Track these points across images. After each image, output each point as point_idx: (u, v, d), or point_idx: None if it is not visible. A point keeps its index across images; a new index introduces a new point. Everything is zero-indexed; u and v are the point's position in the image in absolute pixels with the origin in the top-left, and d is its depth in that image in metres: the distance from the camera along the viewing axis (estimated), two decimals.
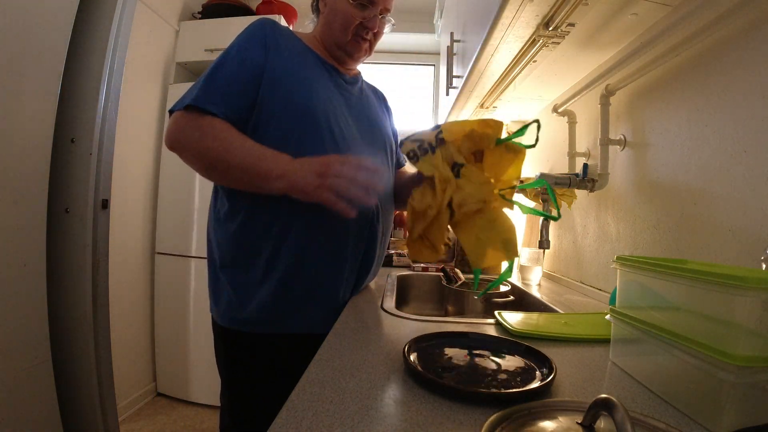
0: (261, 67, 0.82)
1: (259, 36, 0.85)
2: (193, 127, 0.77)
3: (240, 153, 0.75)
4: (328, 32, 0.94)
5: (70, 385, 1.36)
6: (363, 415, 0.42)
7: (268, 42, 0.85)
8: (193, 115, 0.77)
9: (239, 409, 0.85)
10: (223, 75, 0.80)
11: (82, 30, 1.35)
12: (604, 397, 0.35)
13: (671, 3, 0.79)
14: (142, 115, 1.98)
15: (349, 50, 0.94)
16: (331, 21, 0.93)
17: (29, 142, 1.14)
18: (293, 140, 0.80)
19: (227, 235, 0.85)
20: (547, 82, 1.23)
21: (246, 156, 0.75)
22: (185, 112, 0.78)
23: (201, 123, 0.77)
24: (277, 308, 0.82)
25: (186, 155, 0.79)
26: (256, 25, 0.87)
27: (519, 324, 0.75)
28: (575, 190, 1.16)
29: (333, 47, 0.95)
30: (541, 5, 0.79)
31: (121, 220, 1.87)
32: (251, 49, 0.83)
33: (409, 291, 1.42)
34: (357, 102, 0.96)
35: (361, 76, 1.05)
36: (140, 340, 2.03)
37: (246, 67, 0.81)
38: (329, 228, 0.83)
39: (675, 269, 0.46)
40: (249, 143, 0.77)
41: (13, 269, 1.10)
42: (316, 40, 0.96)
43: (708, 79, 0.75)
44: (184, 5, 2.21)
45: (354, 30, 0.91)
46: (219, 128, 0.77)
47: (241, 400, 0.86)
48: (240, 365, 0.86)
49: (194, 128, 0.77)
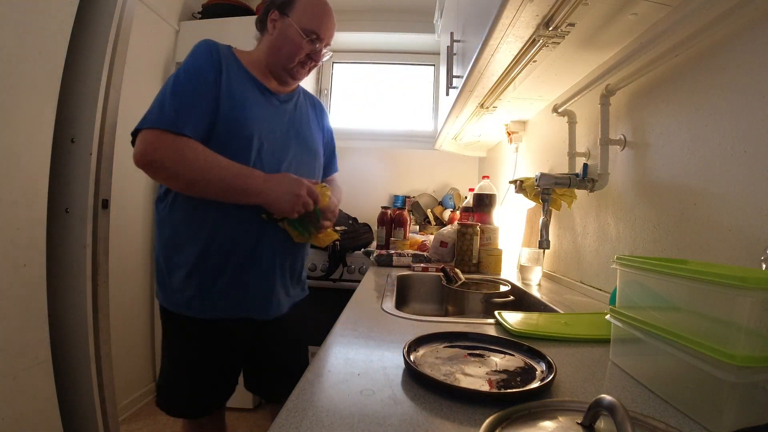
0: (215, 88, 0.93)
1: (211, 60, 0.95)
2: (171, 149, 0.85)
3: (218, 172, 0.87)
4: (274, 55, 1.04)
5: (70, 385, 1.36)
6: (363, 415, 0.42)
7: (217, 65, 0.95)
8: (167, 136, 0.85)
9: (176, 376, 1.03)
10: (189, 95, 0.89)
11: (82, 30, 1.35)
12: (604, 397, 0.35)
13: (671, 3, 0.79)
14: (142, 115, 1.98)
15: (294, 74, 1.07)
16: (280, 46, 1.03)
17: (29, 142, 1.14)
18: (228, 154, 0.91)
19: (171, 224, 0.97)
20: (547, 82, 1.23)
21: (225, 174, 0.87)
22: (157, 132, 0.86)
23: (178, 144, 0.85)
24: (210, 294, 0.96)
25: (161, 174, 0.88)
26: (206, 47, 0.97)
27: (519, 324, 0.75)
28: (575, 190, 1.16)
29: (278, 69, 1.05)
30: (541, 5, 0.79)
31: (121, 220, 1.87)
32: (207, 71, 0.93)
33: (409, 291, 1.42)
34: (290, 118, 1.08)
35: (298, 89, 1.17)
36: (140, 340, 2.03)
37: (206, 89, 0.92)
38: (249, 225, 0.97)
39: (675, 269, 0.46)
40: (224, 162, 0.88)
41: (13, 269, 1.10)
42: (258, 61, 1.06)
43: (708, 79, 0.75)
44: (184, 5, 2.21)
45: (301, 59, 1.04)
46: (196, 149, 0.86)
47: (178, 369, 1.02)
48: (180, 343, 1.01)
49: (172, 150, 0.85)
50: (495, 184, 1.92)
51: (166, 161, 0.85)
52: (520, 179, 1.29)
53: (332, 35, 1.08)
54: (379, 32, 2.65)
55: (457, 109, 1.54)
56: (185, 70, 0.93)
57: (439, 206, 2.57)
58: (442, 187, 2.69)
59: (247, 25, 2.08)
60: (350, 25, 2.64)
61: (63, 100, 1.24)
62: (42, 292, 1.19)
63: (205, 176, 0.86)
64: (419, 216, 2.52)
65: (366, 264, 1.95)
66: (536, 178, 1.10)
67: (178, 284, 0.96)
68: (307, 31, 1.02)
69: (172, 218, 0.96)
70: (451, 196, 2.55)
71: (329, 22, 1.06)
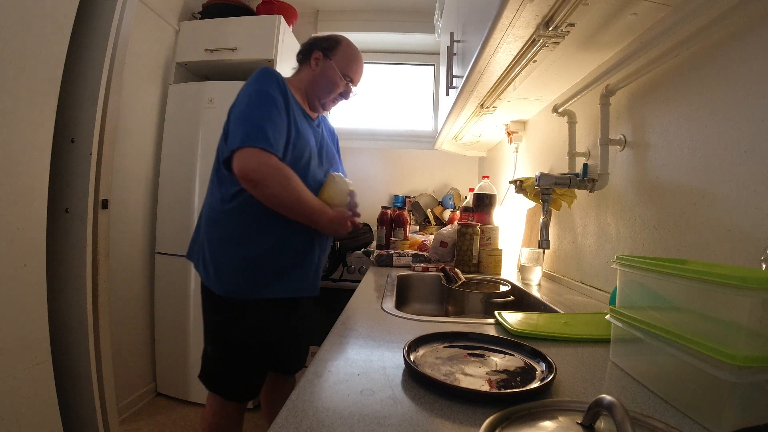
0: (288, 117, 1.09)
1: (279, 88, 1.10)
2: (276, 173, 1.00)
3: (305, 203, 1.06)
4: (313, 88, 1.23)
5: (70, 385, 1.36)
6: (363, 414, 0.42)
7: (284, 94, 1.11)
8: (272, 159, 1.00)
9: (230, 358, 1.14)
10: (277, 120, 1.05)
11: (82, 30, 1.35)
12: (604, 397, 0.35)
13: (671, 3, 0.79)
14: (142, 115, 1.98)
15: (325, 107, 1.27)
16: (320, 82, 1.22)
17: (29, 142, 1.14)
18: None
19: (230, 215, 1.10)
20: (547, 82, 1.23)
21: (308, 205, 1.07)
22: (262, 152, 0.99)
23: (283, 172, 1.01)
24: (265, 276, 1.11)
25: (261, 191, 1.01)
26: (273, 75, 1.12)
27: (519, 324, 0.75)
28: (575, 190, 1.16)
29: (314, 99, 1.24)
30: (541, 5, 0.79)
31: (121, 220, 1.87)
32: (280, 99, 1.09)
33: (409, 291, 1.42)
34: (320, 139, 1.27)
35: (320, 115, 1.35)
36: (140, 340, 2.03)
37: (284, 116, 1.08)
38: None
39: (675, 269, 0.46)
40: (309, 194, 1.07)
41: (13, 269, 1.10)
42: (299, 89, 1.23)
43: (708, 79, 0.75)
44: (184, 5, 2.21)
45: (334, 96, 1.25)
46: (293, 177, 1.04)
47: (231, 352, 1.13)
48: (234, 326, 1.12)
49: (276, 174, 1.00)
50: (495, 184, 1.92)
51: (269, 181, 0.99)
52: (520, 179, 1.29)
53: (360, 79, 1.31)
54: (379, 32, 2.65)
55: (457, 109, 1.54)
56: (265, 95, 1.07)
57: (439, 206, 2.57)
58: (442, 187, 2.69)
59: (247, 25, 2.11)
60: (350, 25, 2.64)
61: (63, 100, 1.24)
62: (42, 292, 1.19)
63: (294, 204, 1.04)
64: (419, 216, 2.52)
65: (366, 264, 1.95)
66: (536, 178, 1.10)
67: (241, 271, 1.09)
68: (345, 74, 1.23)
69: (243, 215, 1.09)
70: (451, 196, 2.55)
71: (361, 69, 1.29)
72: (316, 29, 2.65)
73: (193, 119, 2.02)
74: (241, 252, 1.09)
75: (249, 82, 1.11)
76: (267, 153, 0.99)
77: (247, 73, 2.22)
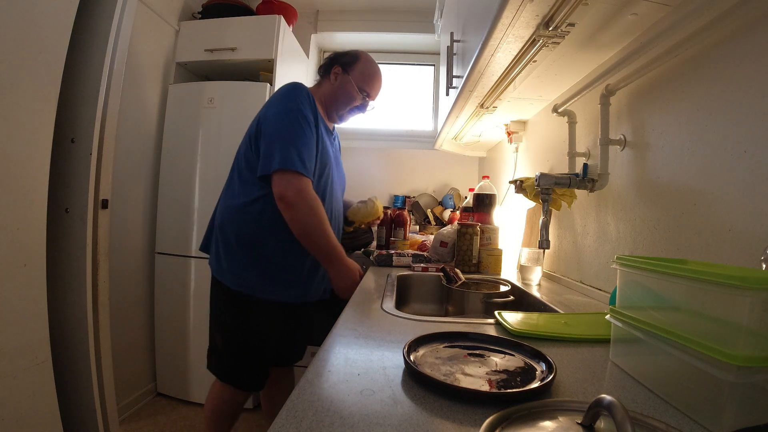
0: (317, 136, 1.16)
1: (311, 107, 1.17)
2: (313, 197, 1.09)
3: (328, 237, 1.11)
4: (332, 101, 1.30)
5: (70, 385, 1.36)
6: (363, 414, 0.42)
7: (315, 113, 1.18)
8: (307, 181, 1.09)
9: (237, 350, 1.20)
10: (310, 143, 1.12)
11: (82, 30, 1.35)
12: (604, 397, 0.35)
13: (671, 3, 0.79)
14: (142, 115, 1.98)
15: (342, 119, 1.35)
16: (339, 96, 1.29)
17: (29, 142, 1.14)
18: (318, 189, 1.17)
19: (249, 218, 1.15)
20: (547, 82, 1.23)
21: (329, 240, 1.12)
22: (301, 176, 1.07)
23: (314, 197, 1.09)
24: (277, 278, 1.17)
25: (291, 214, 1.08)
26: (306, 93, 1.18)
27: (519, 324, 0.75)
28: (575, 190, 1.15)
29: (332, 111, 1.32)
30: (541, 5, 0.79)
31: (121, 220, 1.86)
32: (311, 118, 1.15)
33: (409, 291, 1.42)
34: (336, 149, 1.38)
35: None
36: (140, 340, 2.03)
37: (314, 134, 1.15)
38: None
39: (675, 269, 0.46)
40: (328, 231, 1.12)
41: (13, 269, 1.10)
42: (321, 102, 1.29)
43: (708, 79, 0.75)
44: (184, 5, 2.21)
45: (351, 108, 1.31)
46: (321, 210, 1.10)
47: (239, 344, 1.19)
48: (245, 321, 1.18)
49: (313, 198, 1.09)
50: (495, 184, 1.92)
51: (302, 206, 1.07)
52: (520, 179, 1.29)
53: (378, 94, 1.38)
54: (379, 32, 2.65)
55: (457, 109, 1.54)
56: (298, 113, 1.12)
57: (439, 206, 2.57)
58: (442, 187, 2.69)
59: (247, 25, 2.10)
60: (350, 25, 2.64)
61: (63, 100, 1.24)
62: (42, 292, 1.19)
63: (314, 236, 1.10)
64: (419, 216, 2.52)
65: (366, 264, 1.95)
66: (536, 178, 1.10)
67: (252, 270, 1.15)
68: (362, 89, 1.29)
69: (262, 219, 1.14)
70: (451, 196, 2.55)
71: (379, 85, 1.36)
72: (316, 29, 2.65)
73: (193, 119, 2.02)
74: (257, 252, 1.15)
75: (281, 97, 1.16)
76: (304, 178, 1.08)
77: (247, 73, 2.23)
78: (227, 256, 1.17)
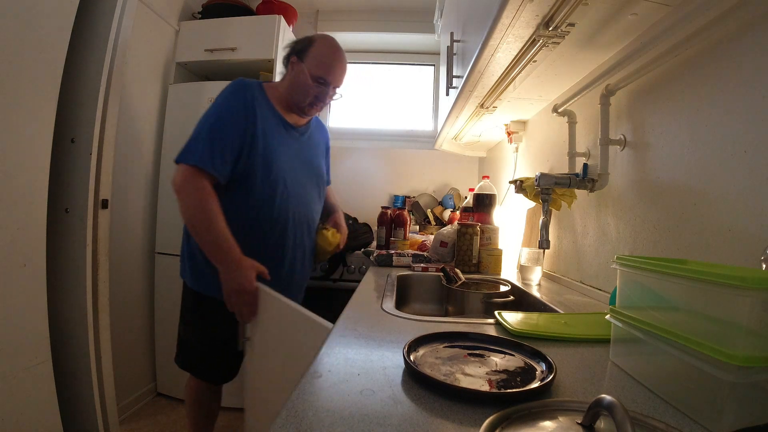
0: (244, 134, 1.10)
1: (245, 102, 1.12)
2: (197, 188, 1.04)
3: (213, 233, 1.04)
4: (290, 94, 1.21)
5: (70, 385, 1.36)
6: (363, 414, 0.42)
7: (248, 110, 1.12)
8: (198, 175, 1.04)
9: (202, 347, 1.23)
10: (222, 140, 1.07)
11: (82, 30, 1.35)
12: (604, 397, 0.35)
13: (671, 3, 0.79)
14: (142, 115, 1.98)
15: (305, 112, 1.24)
16: (294, 87, 1.19)
17: (29, 142, 1.14)
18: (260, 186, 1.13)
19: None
20: (547, 82, 1.23)
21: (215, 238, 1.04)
22: (192, 168, 1.03)
23: (202, 188, 1.04)
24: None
25: (180, 206, 1.05)
26: (240, 88, 1.14)
27: (519, 324, 0.75)
28: (575, 190, 1.16)
29: (293, 106, 1.22)
30: (541, 5, 0.79)
31: (121, 220, 1.86)
32: (240, 113, 1.10)
33: (409, 291, 1.42)
34: (303, 148, 1.27)
35: (311, 120, 1.33)
36: (140, 340, 2.03)
37: (237, 135, 1.09)
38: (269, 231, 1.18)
39: (675, 269, 0.46)
40: (222, 227, 1.04)
41: (13, 269, 1.10)
42: (281, 97, 1.22)
43: (708, 79, 0.75)
44: (184, 5, 2.21)
45: (310, 99, 1.19)
46: (210, 201, 1.04)
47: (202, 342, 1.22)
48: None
49: (197, 189, 1.03)
50: (495, 184, 1.92)
51: (188, 200, 1.04)
52: (520, 179, 1.29)
53: (341, 79, 1.22)
54: (379, 32, 2.65)
55: (457, 109, 1.54)
56: (222, 110, 1.10)
57: (439, 206, 2.57)
58: (442, 187, 2.69)
59: (247, 25, 2.11)
60: (350, 25, 2.64)
61: (63, 100, 1.24)
62: (42, 292, 1.19)
63: (197, 229, 1.05)
64: (419, 216, 2.52)
65: (366, 264, 1.95)
66: (536, 178, 1.10)
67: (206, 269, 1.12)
68: (316, 77, 1.16)
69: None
70: (451, 196, 2.55)
71: (338, 69, 1.20)
72: (316, 29, 2.65)
73: (193, 119, 1.98)
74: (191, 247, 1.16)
75: (218, 95, 1.14)
76: (195, 170, 1.04)
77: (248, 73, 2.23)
78: (185, 254, 1.21)
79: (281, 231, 1.19)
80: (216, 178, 1.06)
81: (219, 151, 1.06)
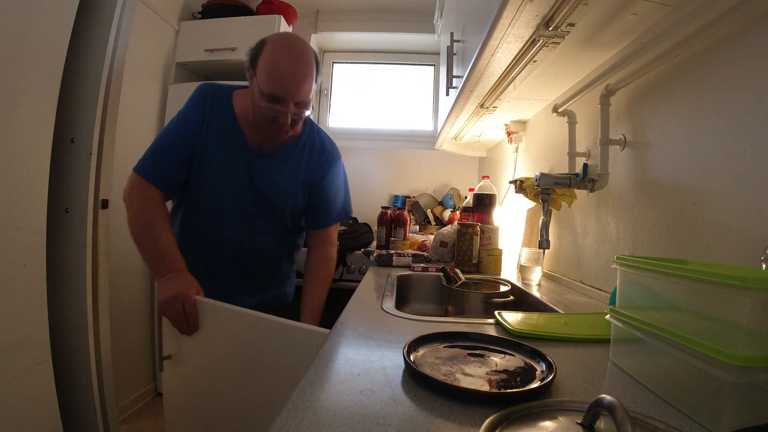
0: (194, 147, 1.03)
1: (200, 112, 1.04)
2: (141, 197, 1.00)
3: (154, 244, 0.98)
4: (252, 114, 1.02)
5: (70, 385, 1.36)
6: (363, 414, 0.42)
7: (204, 120, 1.04)
8: (142, 183, 1.00)
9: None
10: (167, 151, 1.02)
11: (82, 30, 1.35)
12: (604, 397, 0.35)
13: (671, 3, 0.79)
14: (142, 115, 1.98)
15: (270, 137, 1.03)
16: (253, 106, 1.00)
17: (29, 142, 1.14)
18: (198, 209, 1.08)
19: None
20: (547, 82, 1.23)
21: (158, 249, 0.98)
22: (138, 177, 1.00)
23: (145, 202, 0.99)
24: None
25: (127, 214, 1.00)
26: (199, 97, 1.06)
27: (519, 324, 0.75)
28: (575, 190, 1.15)
29: (255, 133, 1.05)
30: (541, 5, 0.79)
31: (121, 220, 1.85)
32: (191, 126, 1.03)
33: (409, 291, 1.42)
34: (262, 173, 1.08)
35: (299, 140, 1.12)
36: (140, 340, 2.03)
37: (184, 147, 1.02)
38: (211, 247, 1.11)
39: (675, 269, 0.46)
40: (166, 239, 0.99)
41: (13, 269, 1.10)
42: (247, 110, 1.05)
43: (708, 79, 0.75)
44: (184, 5, 2.21)
45: (267, 122, 0.98)
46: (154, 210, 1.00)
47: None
48: None
49: (141, 198, 1.00)
50: (495, 184, 1.92)
51: (131, 208, 1.00)
52: (520, 179, 1.29)
53: (300, 93, 0.95)
54: (379, 32, 2.65)
55: (457, 109, 1.54)
56: (178, 118, 1.05)
57: (439, 206, 2.57)
58: (442, 187, 2.69)
59: (247, 25, 2.10)
60: (350, 25, 2.64)
61: (63, 100, 1.24)
62: (42, 292, 1.19)
63: (136, 238, 1.00)
64: (419, 216, 2.52)
65: (366, 264, 1.95)
66: (536, 178, 1.10)
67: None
68: (266, 94, 0.93)
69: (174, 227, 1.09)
70: (451, 196, 2.55)
71: (291, 80, 0.93)
72: (316, 29, 2.65)
73: None
74: None
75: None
76: (140, 178, 1.00)
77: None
78: None
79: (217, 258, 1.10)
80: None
81: (164, 162, 1.01)
